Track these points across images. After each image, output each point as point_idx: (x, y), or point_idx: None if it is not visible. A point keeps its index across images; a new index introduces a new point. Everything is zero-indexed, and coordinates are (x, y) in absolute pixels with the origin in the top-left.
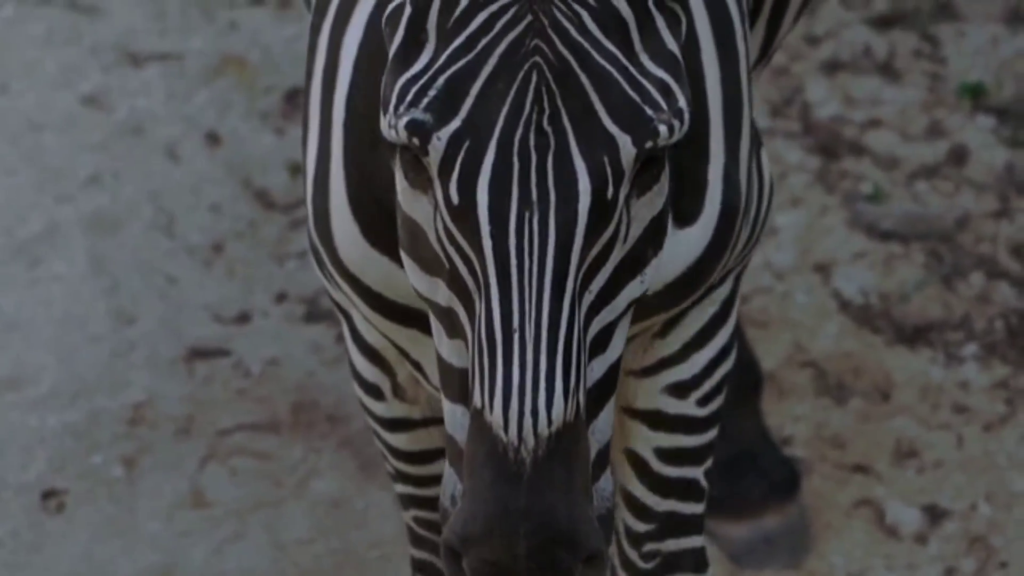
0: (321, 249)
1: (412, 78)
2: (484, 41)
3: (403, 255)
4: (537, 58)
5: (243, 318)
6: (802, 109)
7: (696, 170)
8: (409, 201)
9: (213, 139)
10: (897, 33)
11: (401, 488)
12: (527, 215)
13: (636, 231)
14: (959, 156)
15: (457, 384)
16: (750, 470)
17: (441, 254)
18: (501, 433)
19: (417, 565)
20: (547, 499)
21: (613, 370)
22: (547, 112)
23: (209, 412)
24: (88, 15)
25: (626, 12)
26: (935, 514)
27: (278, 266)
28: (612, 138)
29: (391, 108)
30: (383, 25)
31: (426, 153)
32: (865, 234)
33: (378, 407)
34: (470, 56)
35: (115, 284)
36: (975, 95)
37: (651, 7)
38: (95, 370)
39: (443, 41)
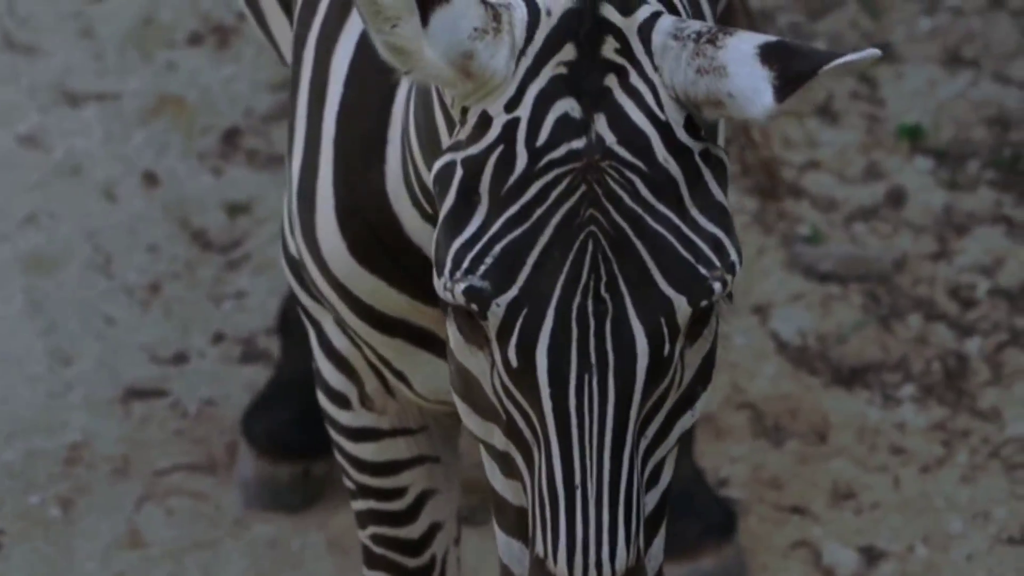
0: (306, 257)
1: (466, 243)
2: (539, 211)
3: (455, 398)
4: (592, 227)
5: (180, 358)
6: (741, 151)
7: None
8: (464, 354)
9: (151, 179)
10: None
11: (361, 504)
12: (586, 377)
13: (688, 375)
14: (897, 198)
15: (514, 520)
16: (686, 511)
17: (498, 406)
18: None
19: None
20: None
21: (665, 496)
22: (604, 279)
23: (146, 452)
24: (26, 55)
25: (676, 172)
26: (872, 556)
27: (215, 307)
28: (668, 300)
29: (447, 272)
30: (432, 182)
31: (485, 318)
32: (803, 275)
33: (344, 416)
34: (526, 226)
35: (52, 324)
36: (913, 137)
37: (699, 162)
38: (32, 410)
39: (496, 207)
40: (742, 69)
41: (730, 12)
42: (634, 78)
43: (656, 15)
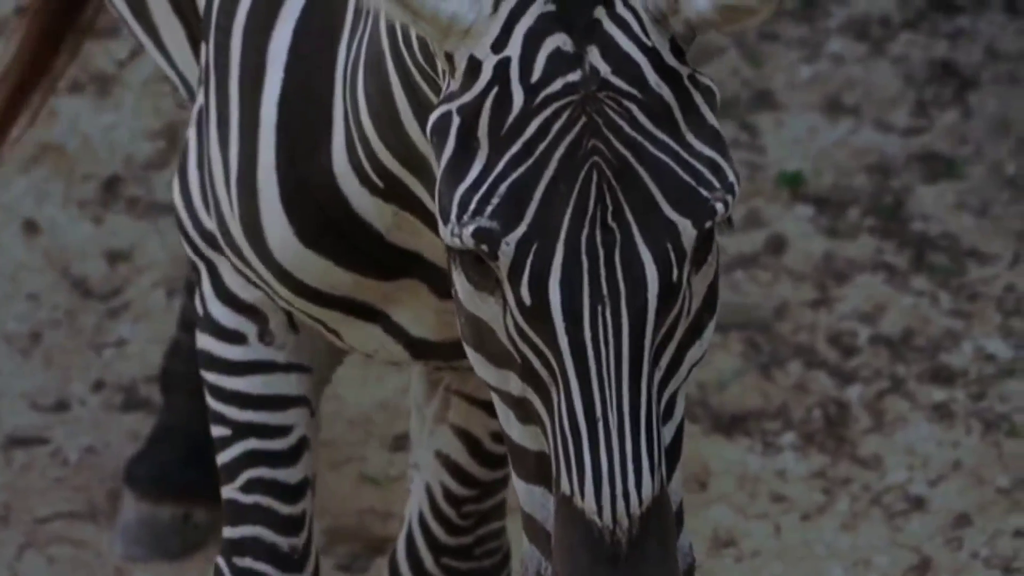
0: (244, 246)
1: (471, 186)
2: (542, 146)
3: (467, 348)
4: (596, 158)
5: (61, 406)
6: None
7: None
8: (473, 301)
9: (31, 227)
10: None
11: (237, 448)
12: (599, 308)
13: (696, 303)
14: (777, 245)
15: (534, 467)
16: None
17: (513, 350)
18: (595, 518)
19: (233, 547)
20: (646, 574)
21: (680, 430)
22: (610, 209)
23: (27, 500)
24: None
25: (669, 97)
26: None
27: (96, 355)
28: (673, 224)
29: (453, 218)
30: (429, 134)
31: (495, 258)
32: None
33: (234, 351)
34: (530, 162)
35: None
36: (794, 184)
37: (688, 85)
38: None
39: (497, 148)
40: None
41: None
42: (620, 7)
43: None
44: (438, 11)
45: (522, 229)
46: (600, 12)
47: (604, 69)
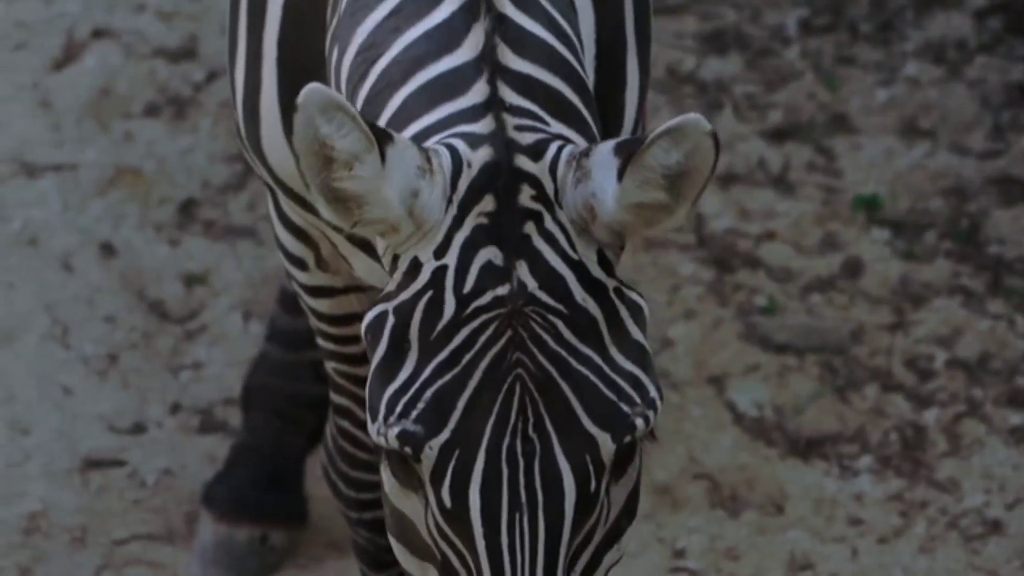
0: (253, 159)
1: (399, 390)
2: (468, 356)
3: (391, 539)
4: (519, 370)
5: (138, 428)
6: (696, 221)
7: (615, 98)
8: (398, 497)
9: (108, 250)
10: (792, 145)
11: (324, 344)
12: (517, 516)
13: (615, 511)
14: (854, 269)
15: None
16: None
17: (433, 547)
18: None
19: (336, 409)
20: None
21: None
22: (531, 420)
23: (104, 522)
24: None
25: (595, 311)
26: None
27: (172, 377)
28: (593, 438)
29: (380, 417)
30: (364, 333)
31: (418, 461)
32: (759, 346)
33: (302, 276)
34: (455, 371)
35: (10, 395)
36: (870, 208)
37: (614, 298)
38: None
39: (426, 353)
40: (601, 169)
41: None
42: (548, 222)
43: (561, 149)
44: (426, 208)
45: (445, 435)
46: (530, 227)
47: (531, 284)
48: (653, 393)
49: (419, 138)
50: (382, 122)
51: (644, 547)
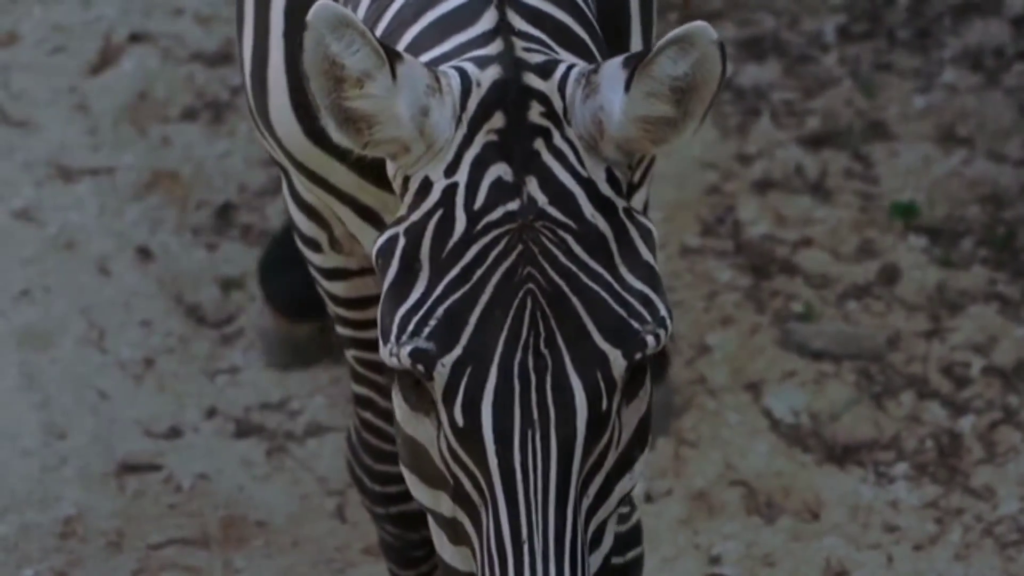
0: (263, 131)
1: (411, 308)
2: (479, 272)
3: (403, 470)
4: (530, 285)
5: (174, 433)
6: (733, 228)
7: (620, 45)
8: (410, 422)
9: (145, 254)
10: (829, 152)
11: (342, 331)
12: (530, 433)
13: (626, 435)
14: (890, 276)
15: None
16: None
17: (445, 471)
18: None
19: (357, 400)
20: None
21: (607, 560)
22: (543, 335)
23: (140, 526)
24: (20, 129)
25: (604, 227)
26: None
27: (209, 381)
28: (604, 355)
29: (392, 337)
30: (374, 257)
31: (431, 379)
32: (796, 353)
33: (316, 258)
34: (467, 287)
35: (46, 398)
36: (907, 215)
37: (623, 218)
38: (26, 484)
39: (437, 271)
40: (609, 82)
41: None
42: (557, 139)
43: (570, 68)
44: (436, 126)
45: (457, 352)
46: (539, 143)
47: (541, 199)
48: (663, 312)
49: (432, 66)
50: None
51: (680, 553)
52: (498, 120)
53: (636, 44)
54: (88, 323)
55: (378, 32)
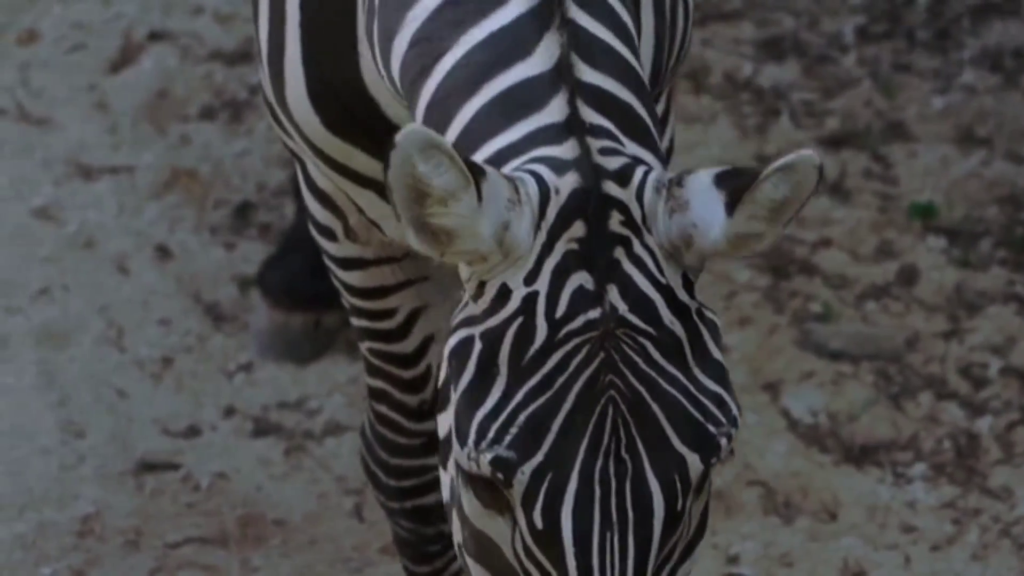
0: (281, 117)
1: (489, 414)
2: (561, 380)
3: (469, 561)
4: (611, 392)
5: (192, 432)
6: None
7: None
8: (482, 518)
9: (163, 253)
10: (848, 153)
11: (356, 322)
12: (608, 535)
13: (692, 526)
14: (909, 276)
15: None
16: None
17: (519, 569)
18: None
19: (372, 393)
20: None
21: None
22: (624, 441)
23: (158, 525)
24: (40, 127)
25: (680, 332)
26: None
27: (227, 380)
28: (682, 458)
29: (470, 442)
30: (447, 357)
31: (510, 486)
32: (814, 353)
33: (331, 247)
34: (548, 395)
35: (64, 397)
36: (926, 215)
37: (696, 320)
38: (44, 482)
39: (517, 378)
40: (701, 198)
41: None
42: (637, 247)
43: (646, 175)
44: (515, 238)
45: (538, 459)
46: (619, 252)
47: (622, 307)
48: (735, 411)
49: (499, 159)
50: (452, 134)
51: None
52: (578, 229)
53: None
54: (106, 322)
55: (427, 90)
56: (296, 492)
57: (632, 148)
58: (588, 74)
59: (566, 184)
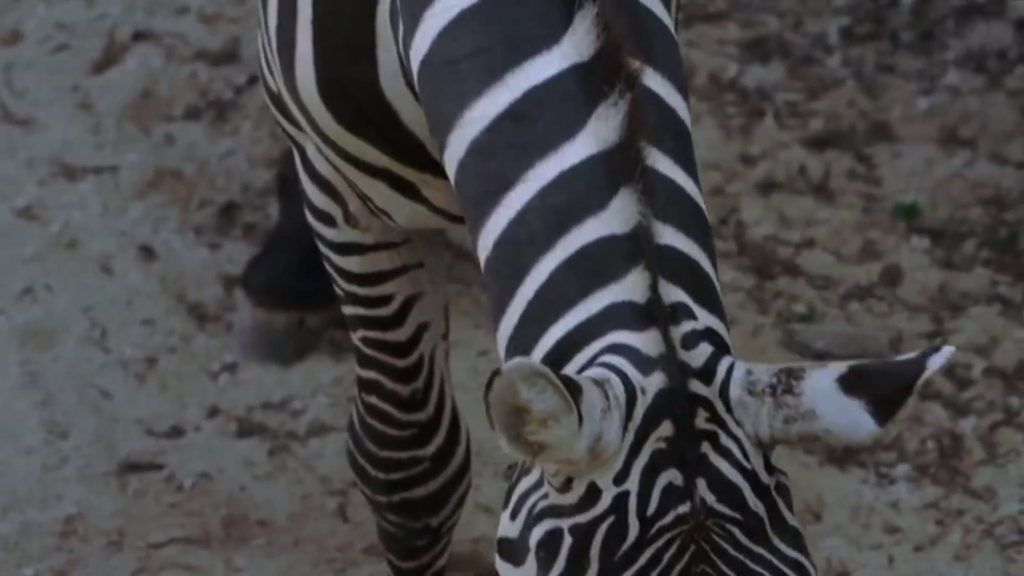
0: (292, 110)
1: None
2: (654, 574)
3: None
4: None
5: (176, 432)
6: (737, 229)
7: None
8: None
9: (147, 253)
10: (832, 153)
11: (351, 310)
12: None
13: None
14: (893, 277)
15: None
16: None
17: None
18: None
19: (363, 384)
20: None
21: None
22: None
23: (141, 525)
24: (23, 128)
25: (762, 512)
26: None
27: (211, 381)
28: None
29: None
30: (535, 547)
31: None
32: (799, 354)
33: (329, 233)
34: None
35: (48, 397)
36: (910, 216)
37: (775, 496)
38: (27, 483)
39: (609, 572)
40: (831, 407)
41: None
42: (724, 439)
43: (729, 371)
44: (606, 443)
45: None
46: (706, 446)
47: (710, 499)
48: (812, 573)
49: (578, 338)
50: (528, 290)
51: None
52: (666, 428)
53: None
54: (90, 322)
55: (496, 225)
56: (280, 492)
57: (704, 318)
58: (663, 234)
59: (652, 384)
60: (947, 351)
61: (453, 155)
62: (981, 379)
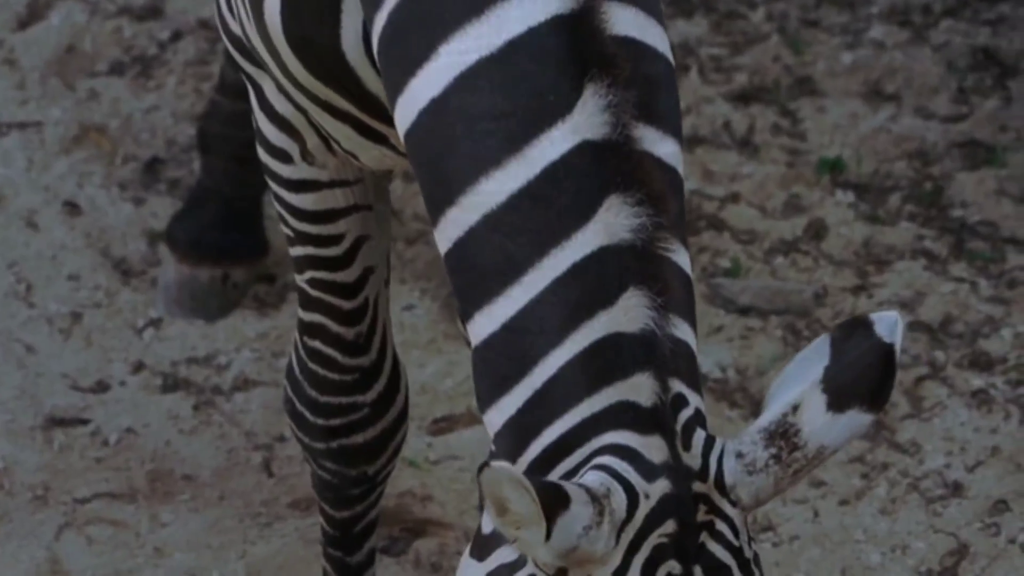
0: (262, 52)
1: None
2: None
3: None
4: None
5: (101, 387)
6: None
7: None
8: None
9: (72, 208)
10: (756, 108)
11: (300, 250)
12: None
13: None
14: (817, 231)
15: None
16: None
17: None
18: None
19: (306, 328)
20: None
21: None
22: None
23: (66, 480)
24: None
25: None
26: None
27: (136, 336)
28: None
29: None
30: None
31: None
32: (723, 308)
33: (285, 170)
34: None
35: None
36: (834, 170)
37: (754, 570)
38: None
39: None
40: (832, 433)
41: None
42: (719, 525)
43: (720, 460)
44: (587, 552)
45: None
46: (704, 536)
47: None
48: None
49: (581, 433)
50: (536, 380)
51: None
52: (669, 527)
53: None
54: (15, 277)
55: (506, 310)
56: (205, 447)
57: (693, 399)
58: (667, 327)
59: (656, 490)
60: (890, 317)
61: (459, 218)
62: (906, 333)
